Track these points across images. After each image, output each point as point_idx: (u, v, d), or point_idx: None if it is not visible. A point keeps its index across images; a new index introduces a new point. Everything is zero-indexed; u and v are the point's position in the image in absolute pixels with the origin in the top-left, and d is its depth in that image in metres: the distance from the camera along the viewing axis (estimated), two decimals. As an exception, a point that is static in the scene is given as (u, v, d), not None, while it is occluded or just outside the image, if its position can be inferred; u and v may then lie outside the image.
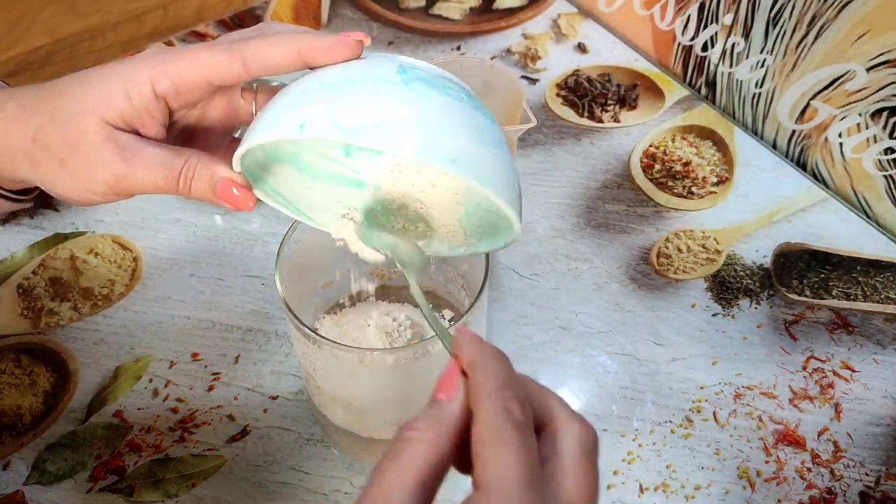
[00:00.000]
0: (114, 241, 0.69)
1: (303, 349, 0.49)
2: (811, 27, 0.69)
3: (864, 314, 0.64)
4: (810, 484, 0.55)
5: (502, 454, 0.29)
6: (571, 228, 0.70)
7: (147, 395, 0.59)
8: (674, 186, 0.73)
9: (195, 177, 0.40)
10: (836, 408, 0.59)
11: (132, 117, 0.40)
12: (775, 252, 0.68)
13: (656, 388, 0.60)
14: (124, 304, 0.65)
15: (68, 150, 0.40)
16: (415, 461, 0.30)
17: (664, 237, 0.70)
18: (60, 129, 0.40)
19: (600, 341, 0.63)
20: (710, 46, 0.79)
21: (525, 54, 0.86)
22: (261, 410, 0.59)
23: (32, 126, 0.40)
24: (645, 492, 0.55)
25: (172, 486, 0.55)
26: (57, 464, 0.56)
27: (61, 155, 0.40)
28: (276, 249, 0.49)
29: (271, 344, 0.62)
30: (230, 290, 0.66)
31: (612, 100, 0.81)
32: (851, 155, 0.72)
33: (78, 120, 0.40)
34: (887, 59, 0.65)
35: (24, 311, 0.64)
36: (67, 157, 0.40)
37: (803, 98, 0.73)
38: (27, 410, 0.59)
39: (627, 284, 0.66)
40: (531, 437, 0.29)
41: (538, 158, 0.76)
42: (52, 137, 0.40)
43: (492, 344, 0.33)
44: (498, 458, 0.29)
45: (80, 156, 0.40)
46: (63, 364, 0.61)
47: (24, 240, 0.69)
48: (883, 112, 0.67)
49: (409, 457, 0.30)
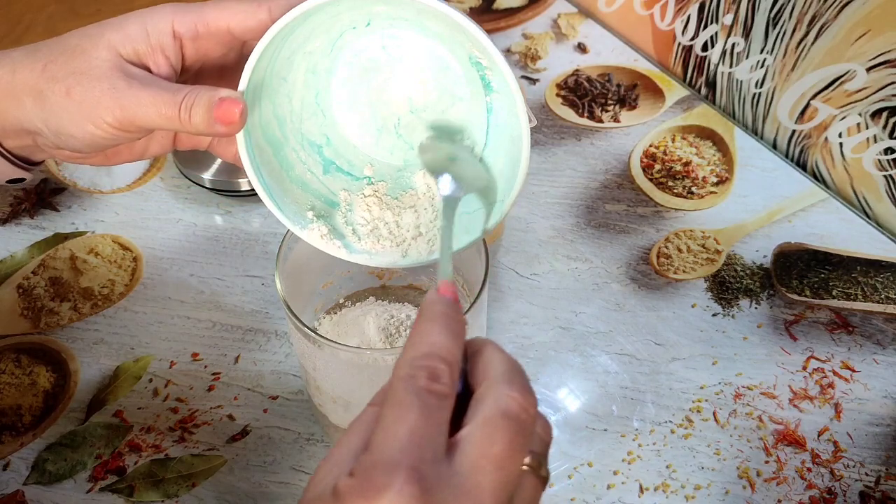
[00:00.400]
0: (114, 241, 0.69)
1: (303, 349, 0.49)
2: (811, 27, 0.69)
3: (864, 314, 0.64)
4: (810, 484, 0.55)
5: (391, 414, 0.28)
6: (571, 228, 0.70)
7: (147, 395, 0.59)
8: (674, 186, 0.73)
9: (195, 102, 0.40)
10: (836, 408, 0.59)
11: (146, 54, 0.41)
12: (775, 252, 0.68)
13: (656, 388, 0.60)
14: (124, 304, 0.65)
15: (75, 79, 0.40)
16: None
17: (664, 237, 0.70)
18: (71, 60, 0.40)
19: (600, 341, 0.63)
20: (710, 46, 0.79)
21: (525, 54, 0.86)
22: (261, 410, 0.59)
23: (41, 60, 0.41)
24: (645, 492, 0.55)
25: (172, 486, 0.55)
26: (57, 464, 0.56)
27: (68, 84, 0.40)
28: (276, 249, 0.49)
29: (271, 344, 0.62)
30: (230, 290, 0.66)
31: (612, 100, 0.81)
32: (851, 155, 0.72)
33: (90, 49, 0.40)
34: (887, 59, 0.65)
35: (24, 311, 0.64)
36: (74, 86, 0.40)
37: (803, 98, 0.73)
38: (27, 410, 0.59)
39: (627, 284, 0.66)
40: (435, 402, 0.29)
41: (538, 158, 0.76)
42: (61, 68, 0.40)
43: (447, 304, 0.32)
44: (386, 419, 0.28)
45: (86, 84, 0.40)
46: (63, 364, 0.61)
47: (24, 240, 0.69)
48: (883, 112, 0.67)
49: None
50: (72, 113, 0.41)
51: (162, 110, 0.40)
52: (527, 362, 0.61)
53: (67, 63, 0.40)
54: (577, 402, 0.59)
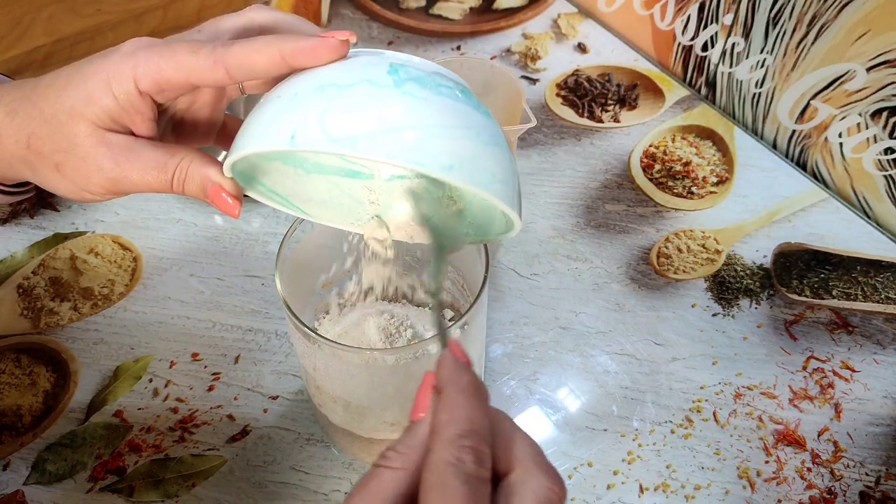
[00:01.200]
0: (114, 241, 0.69)
1: (303, 349, 0.49)
2: (811, 27, 0.69)
3: (864, 314, 0.64)
4: (810, 484, 0.55)
5: (438, 502, 0.27)
6: (571, 228, 0.70)
7: (147, 395, 0.59)
8: (674, 186, 0.73)
9: (188, 178, 0.40)
10: (836, 408, 0.59)
11: (120, 115, 0.40)
12: (775, 252, 0.68)
13: (656, 388, 0.60)
14: (124, 304, 0.65)
15: (62, 155, 0.40)
16: (383, 492, 0.29)
17: (664, 237, 0.70)
18: (52, 135, 0.40)
19: (600, 341, 0.63)
20: (710, 46, 0.79)
21: (525, 54, 0.86)
22: (261, 410, 0.59)
23: (24, 132, 0.40)
24: (645, 492, 0.55)
25: (172, 486, 0.55)
26: (57, 464, 0.56)
27: (56, 160, 0.40)
28: (276, 249, 0.49)
29: (271, 344, 0.62)
30: (230, 290, 0.66)
31: (612, 100, 0.81)
32: (851, 155, 0.72)
33: (67, 124, 0.39)
34: (887, 59, 0.65)
35: (24, 311, 0.64)
36: (62, 163, 0.40)
37: (803, 98, 0.73)
38: (27, 410, 0.59)
39: (627, 284, 0.66)
40: (482, 489, 0.28)
41: (538, 158, 0.76)
42: (45, 143, 0.40)
43: (472, 373, 0.31)
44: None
45: (74, 161, 0.40)
46: (63, 364, 0.61)
47: (24, 240, 0.69)
48: (883, 112, 0.67)
49: (378, 488, 0.29)
50: (66, 184, 0.41)
51: (153, 185, 0.40)
52: (527, 362, 0.61)
53: (50, 138, 0.40)
54: (577, 402, 0.59)
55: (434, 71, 0.37)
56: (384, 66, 0.36)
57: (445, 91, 0.36)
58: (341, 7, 0.91)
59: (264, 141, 0.35)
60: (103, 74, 0.39)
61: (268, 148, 0.35)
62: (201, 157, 0.41)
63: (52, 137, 0.40)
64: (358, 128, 0.33)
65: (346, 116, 0.34)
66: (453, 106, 0.35)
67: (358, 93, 0.35)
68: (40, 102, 0.40)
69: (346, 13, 0.91)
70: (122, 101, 0.39)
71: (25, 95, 0.41)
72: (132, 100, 0.39)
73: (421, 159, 0.33)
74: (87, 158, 0.39)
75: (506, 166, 0.37)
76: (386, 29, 0.89)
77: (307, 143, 0.34)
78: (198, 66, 0.38)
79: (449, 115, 0.35)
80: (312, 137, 0.34)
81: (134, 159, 0.40)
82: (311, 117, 0.34)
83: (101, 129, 0.40)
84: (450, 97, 0.36)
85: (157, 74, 0.38)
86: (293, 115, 0.35)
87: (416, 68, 0.36)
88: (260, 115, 0.37)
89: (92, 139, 0.39)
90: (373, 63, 0.36)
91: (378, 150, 0.33)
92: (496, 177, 0.36)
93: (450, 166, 0.34)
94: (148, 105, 0.40)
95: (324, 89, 0.35)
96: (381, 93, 0.34)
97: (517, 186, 0.38)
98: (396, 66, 0.36)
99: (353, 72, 0.36)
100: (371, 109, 0.34)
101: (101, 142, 0.40)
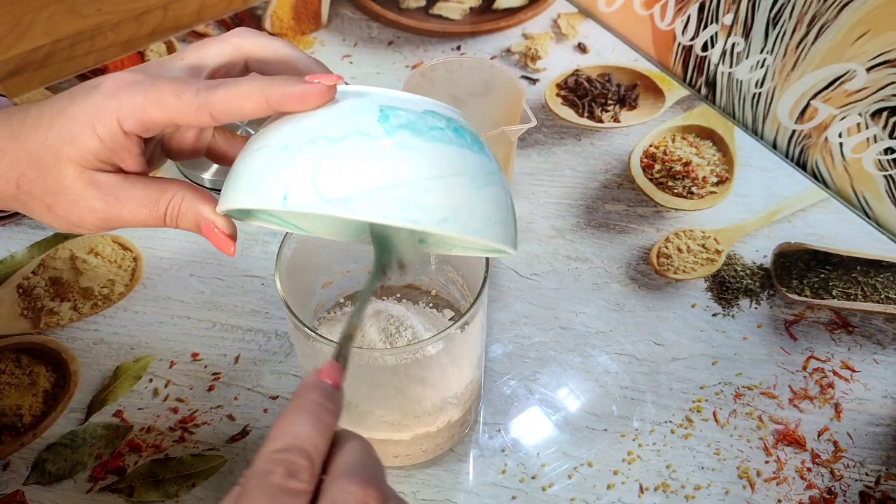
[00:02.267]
0: (114, 241, 0.69)
1: (303, 349, 0.49)
2: (811, 27, 0.69)
3: (864, 314, 0.64)
4: (810, 484, 0.55)
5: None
6: (571, 228, 0.70)
7: (147, 395, 0.59)
8: (674, 186, 0.73)
9: (180, 214, 0.40)
10: (836, 408, 0.59)
11: (107, 155, 0.39)
12: (775, 252, 0.68)
13: (656, 388, 0.60)
14: (124, 304, 0.65)
15: (52, 197, 0.40)
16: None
17: (664, 237, 0.70)
18: (42, 177, 0.39)
19: (600, 341, 0.63)
20: (710, 46, 0.79)
21: (525, 54, 0.86)
22: (261, 410, 0.59)
23: (14, 174, 0.40)
24: (645, 492, 0.55)
25: (172, 486, 0.55)
26: (57, 464, 0.56)
27: (47, 201, 0.40)
28: (276, 249, 0.49)
29: (271, 344, 0.62)
30: (230, 290, 0.66)
31: (612, 100, 0.81)
32: (851, 155, 0.72)
33: (55, 167, 0.39)
34: (887, 59, 0.65)
35: (24, 311, 0.64)
36: (54, 204, 0.40)
37: (803, 98, 0.73)
38: (27, 410, 0.59)
39: (627, 284, 0.66)
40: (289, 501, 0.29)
41: (538, 158, 0.76)
42: (36, 185, 0.40)
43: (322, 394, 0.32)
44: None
45: (65, 203, 0.40)
46: (63, 364, 0.61)
47: (24, 240, 0.69)
48: (883, 112, 0.67)
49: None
50: (59, 222, 0.41)
51: (146, 222, 0.40)
52: (527, 362, 0.61)
53: (41, 180, 0.39)
54: (577, 402, 0.59)
55: (425, 110, 0.36)
56: (374, 112, 0.35)
57: (438, 134, 0.35)
58: (341, 7, 0.91)
59: (256, 197, 0.35)
60: (86, 116, 0.38)
61: (260, 206, 0.35)
62: (193, 192, 0.40)
63: (43, 179, 0.39)
64: (351, 188, 0.33)
65: (338, 175, 0.33)
66: (445, 151, 0.35)
67: (349, 146, 0.34)
68: (28, 143, 0.40)
69: (346, 13, 0.91)
70: (108, 142, 0.39)
71: (12, 134, 0.40)
72: (117, 139, 0.39)
73: (415, 217, 0.33)
74: (77, 200, 0.39)
75: (501, 205, 0.36)
76: (386, 29, 0.89)
77: (300, 204, 0.33)
78: (182, 109, 0.37)
79: (442, 163, 0.34)
80: (306, 199, 0.33)
81: (125, 199, 0.40)
82: (302, 175, 0.34)
83: (88, 171, 0.39)
84: (442, 141, 0.35)
85: (141, 115, 0.38)
86: (284, 173, 0.34)
87: (407, 111, 0.35)
88: (250, 164, 0.36)
89: (80, 181, 0.39)
90: (362, 108, 0.35)
91: (372, 212, 0.33)
92: (491, 219, 0.35)
93: (444, 219, 0.34)
94: (133, 142, 0.39)
95: (314, 143, 0.34)
96: (372, 146, 0.34)
97: (513, 220, 0.38)
98: (387, 113, 0.35)
99: (342, 121, 0.35)
100: (363, 167, 0.33)
101: (91, 183, 0.39)
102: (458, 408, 0.53)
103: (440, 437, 0.53)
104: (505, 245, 0.37)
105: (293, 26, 0.89)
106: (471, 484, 0.55)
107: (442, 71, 0.64)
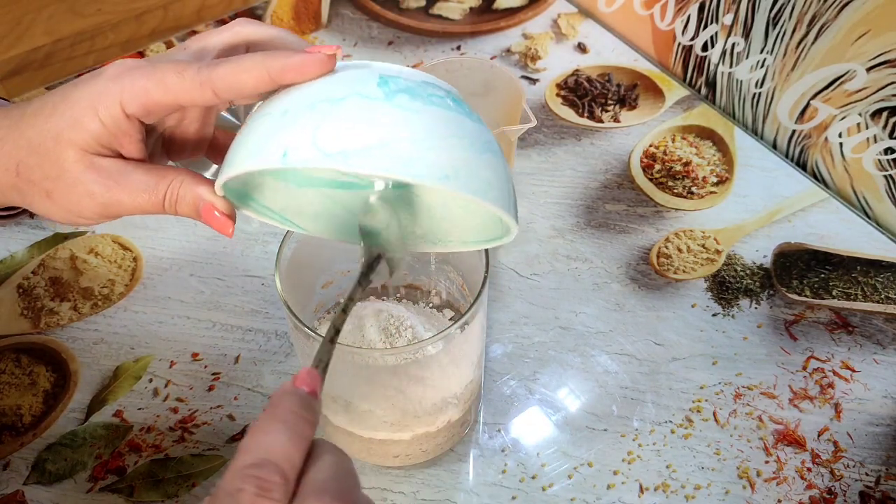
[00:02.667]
0: (114, 241, 0.69)
1: (303, 349, 0.49)
2: (811, 27, 0.69)
3: (864, 314, 0.64)
4: (810, 484, 0.55)
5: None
6: (571, 228, 0.70)
7: (147, 395, 0.59)
8: (674, 186, 0.73)
9: (179, 199, 0.40)
10: (836, 408, 0.59)
11: (108, 139, 0.39)
12: (775, 252, 0.68)
13: (656, 388, 0.60)
14: (124, 304, 0.65)
15: (51, 183, 0.40)
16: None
17: (664, 237, 0.70)
18: (40, 162, 0.39)
19: (600, 341, 0.63)
20: (710, 46, 0.79)
21: (525, 54, 0.86)
22: (261, 410, 0.58)
23: (13, 161, 0.40)
24: (645, 492, 0.55)
25: (172, 486, 0.55)
26: (57, 464, 0.56)
27: (46, 187, 0.40)
28: (276, 249, 0.49)
29: (271, 344, 0.62)
30: (230, 290, 0.66)
31: (612, 100, 0.81)
32: (851, 155, 0.72)
33: (55, 151, 0.39)
34: (887, 59, 0.65)
35: (24, 311, 0.64)
36: (53, 189, 0.40)
37: (803, 98, 0.73)
38: (27, 410, 0.59)
39: (627, 284, 0.66)
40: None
41: (538, 158, 0.76)
42: (35, 171, 0.40)
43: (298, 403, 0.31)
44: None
45: (63, 188, 0.40)
46: (63, 364, 0.61)
47: (24, 240, 0.69)
48: (883, 112, 0.67)
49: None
50: (57, 210, 0.41)
51: (145, 208, 0.40)
52: (527, 362, 0.61)
53: (39, 166, 0.39)
54: (577, 402, 0.59)
55: (424, 80, 0.36)
56: (374, 78, 0.35)
57: (437, 100, 0.35)
58: (341, 7, 0.91)
59: (256, 160, 0.35)
60: (89, 100, 0.39)
61: (260, 167, 0.35)
62: (192, 176, 0.40)
63: (41, 165, 0.39)
64: (351, 143, 0.33)
65: (338, 131, 0.34)
66: (445, 115, 0.35)
67: (349, 107, 0.34)
68: (28, 130, 0.40)
69: (346, 13, 0.91)
70: (109, 125, 0.39)
71: (13, 123, 0.40)
72: (119, 123, 0.39)
73: (416, 171, 0.33)
74: (76, 184, 0.39)
75: (500, 173, 0.36)
76: (386, 29, 0.89)
77: (300, 160, 0.33)
78: (185, 87, 0.38)
79: (441, 124, 0.35)
80: (305, 154, 0.33)
81: (124, 183, 0.40)
82: (303, 134, 0.34)
83: (89, 155, 0.39)
84: (441, 106, 0.35)
85: (144, 97, 0.38)
86: (285, 132, 0.34)
87: (406, 79, 0.36)
88: (250, 133, 0.36)
89: (80, 165, 0.39)
90: (362, 76, 0.36)
91: (372, 165, 0.33)
92: (492, 184, 0.35)
93: (445, 176, 0.34)
94: (135, 127, 0.39)
95: (314, 106, 0.35)
96: (372, 105, 0.34)
97: (512, 192, 0.38)
98: (386, 78, 0.35)
99: (343, 86, 0.35)
100: (363, 123, 0.34)
101: (90, 167, 0.39)
102: (458, 408, 0.53)
103: (440, 437, 0.53)
104: (506, 213, 0.36)
105: (293, 26, 0.89)
106: (471, 484, 0.55)
107: (442, 71, 0.64)
